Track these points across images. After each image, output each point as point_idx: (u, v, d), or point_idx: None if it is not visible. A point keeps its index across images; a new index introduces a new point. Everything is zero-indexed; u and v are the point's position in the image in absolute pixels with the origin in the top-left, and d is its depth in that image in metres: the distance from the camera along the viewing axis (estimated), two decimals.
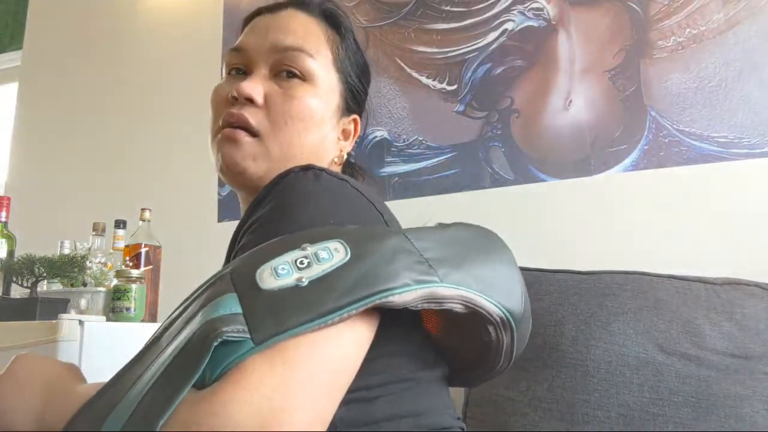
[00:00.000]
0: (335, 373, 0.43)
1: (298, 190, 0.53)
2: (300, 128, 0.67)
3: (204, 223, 1.83)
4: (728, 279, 1.09)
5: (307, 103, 0.67)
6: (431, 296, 0.45)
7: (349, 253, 0.44)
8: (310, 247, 0.45)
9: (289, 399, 0.39)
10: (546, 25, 1.54)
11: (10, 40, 2.40)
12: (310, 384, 0.41)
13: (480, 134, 1.56)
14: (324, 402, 0.42)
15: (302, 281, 0.42)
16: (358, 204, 0.56)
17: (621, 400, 0.98)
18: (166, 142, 1.96)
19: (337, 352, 0.43)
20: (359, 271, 0.43)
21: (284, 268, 0.43)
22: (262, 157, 0.66)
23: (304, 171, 0.55)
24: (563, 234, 1.42)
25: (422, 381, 0.54)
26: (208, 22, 1.98)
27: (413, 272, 0.45)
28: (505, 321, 0.51)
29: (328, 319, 0.41)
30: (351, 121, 0.75)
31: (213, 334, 0.39)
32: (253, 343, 0.39)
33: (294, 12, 0.71)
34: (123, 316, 1.20)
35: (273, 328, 0.40)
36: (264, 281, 0.42)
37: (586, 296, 1.10)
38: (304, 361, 0.41)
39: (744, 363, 0.99)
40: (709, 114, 1.36)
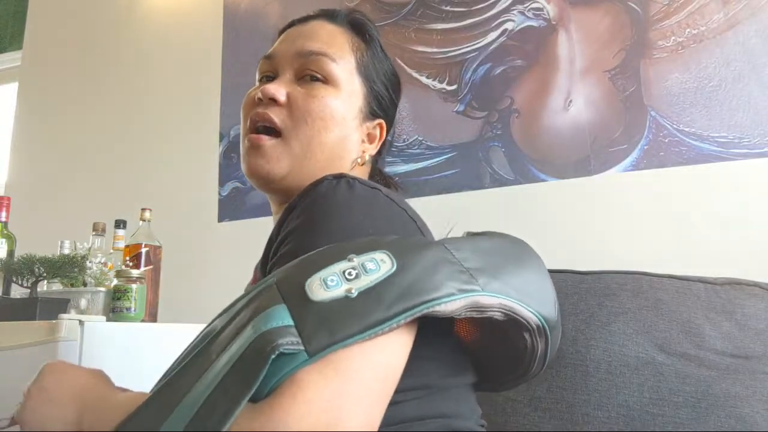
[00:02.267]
0: (384, 381, 0.44)
1: (332, 200, 0.55)
2: (320, 126, 0.68)
3: (204, 223, 1.83)
4: (728, 279, 1.09)
5: (327, 103, 0.69)
6: (474, 305, 0.46)
7: (395, 264, 0.45)
8: (357, 258, 0.46)
9: (344, 410, 0.40)
10: (546, 25, 1.54)
11: (10, 40, 2.40)
12: (363, 394, 0.42)
13: (480, 134, 1.56)
14: (375, 410, 0.43)
15: (352, 292, 0.43)
16: (392, 212, 0.57)
17: (621, 400, 0.98)
18: (166, 142, 1.96)
19: (386, 360, 0.44)
20: (406, 282, 0.44)
21: (333, 279, 0.44)
22: (284, 156, 0.68)
23: (337, 180, 0.56)
24: (563, 234, 1.42)
25: (451, 387, 0.56)
26: (208, 22, 1.98)
27: (456, 281, 0.46)
28: (540, 328, 0.52)
29: (378, 329, 0.42)
30: (376, 126, 0.76)
31: (269, 347, 0.39)
32: (308, 355, 0.40)
33: (322, 22, 0.75)
34: (123, 316, 1.20)
35: (326, 340, 0.41)
36: (314, 292, 0.43)
37: (586, 296, 1.10)
38: (357, 371, 0.42)
39: (744, 363, 0.99)
40: (709, 114, 1.36)
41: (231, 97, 1.89)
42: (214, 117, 1.89)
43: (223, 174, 1.84)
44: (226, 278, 1.69)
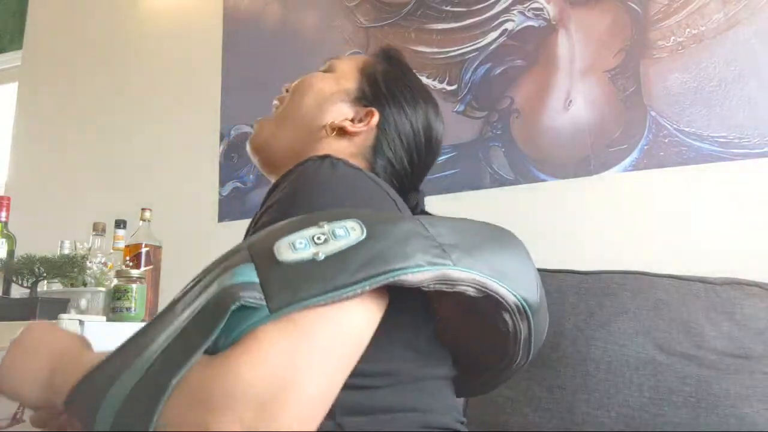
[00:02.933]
0: (345, 346, 0.44)
1: (315, 178, 0.55)
2: (299, 92, 0.77)
3: (204, 223, 1.83)
4: (728, 279, 1.09)
5: (312, 77, 0.78)
6: (444, 278, 0.46)
7: (365, 232, 0.45)
8: (327, 225, 0.46)
9: (300, 368, 0.40)
10: (546, 25, 1.54)
11: (10, 40, 2.40)
12: (322, 354, 0.41)
13: (480, 134, 1.56)
14: (333, 373, 0.42)
15: (318, 256, 0.43)
16: (373, 192, 0.58)
17: (621, 400, 0.98)
18: (166, 142, 1.96)
19: (348, 327, 0.44)
20: (374, 250, 0.44)
21: (302, 242, 0.44)
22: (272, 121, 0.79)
23: (321, 159, 0.57)
24: (563, 234, 1.42)
25: (425, 378, 0.55)
26: (208, 23, 1.98)
27: (427, 255, 0.46)
28: (521, 308, 0.51)
29: (342, 293, 0.42)
30: (367, 113, 0.74)
31: (230, 299, 0.40)
32: (269, 310, 0.40)
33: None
34: (123, 316, 1.19)
35: (288, 298, 0.41)
36: (281, 254, 0.44)
37: (586, 296, 1.10)
38: (317, 332, 0.42)
39: (744, 363, 0.99)
40: (708, 114, 1.36)
41: (231, 96, 1.89)
42: (215, 117, 1.89)
43: (223, 174, 1.84)
44: None
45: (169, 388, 0.38)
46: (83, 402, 0.44)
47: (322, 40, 1.78)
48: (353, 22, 1.76)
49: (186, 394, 0.39)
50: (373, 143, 0.74)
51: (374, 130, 0.74)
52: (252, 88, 1.85)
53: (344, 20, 1.77)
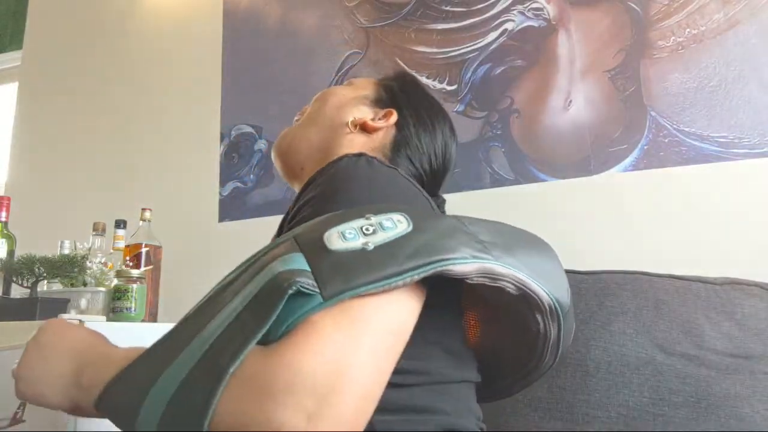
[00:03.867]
0: (395, 335, 0.45)
1: (354, 174, 0.57)
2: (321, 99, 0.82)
3: (204, 223, 1.83)
4: (728, 279, 1.09)
5: (334, 87, 0.84)
6: (488, 271, 0.47)
7: (411, 224, 0.46)
8: (374, 217, 0.47)
9: (356, 356, 0.40)
10: (546, 25, 1.54)
11: (10, 40, 2.40)
12: (374, 344, 0.42)
13: (480, 134, 1.56)
14: (385, 362, 0.43)
15: (368, 245, 0.44)
16: (409, 190, 0.60)
17: (621, 400, 0.98)
18: (166, 142, 1.96)
19: (397, 315, 0.45)
20: (421, 241, 0.45)
21: (351, 232, 0.45)
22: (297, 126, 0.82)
23: (357, 157, 0.59)
24: (563, 234, 1.41)
25: (455, 380, 0.56)
26: (208, 22, 1.98)
27: (470, 248, 0.47)
28: (553, 309, 0.52)
29: (393, 281, 0.42)
30: (386, 113, 0.79)
31: (287, 283, 0.40)
32: (323, 298, 0.41)
33: None
34: (123, 316, 1.20)
35: (341, 285, 0.41)
36: (332, 243, 0.44)
37: (586, 296, 1.10)
38: (369, 320, 0.42)
39: (744, 363, 0.99)
40: (708, 114, 1.36)
41: (231, 97, 1.89)
42: (215, 117, 1.89)
43: (223, 174, 1.84)
44: None
45: (226, 377, 0.38)
46: (121, 399, 0.43)
47: (322, 40, 1.78)
48: (353, 22, 1.75)
49: (245, 383, 0.38)
50: (393, 141, 0.78)
51: (393, 128, 0.78)
52: (252, 88, 1.85)
53: (344, 20, 1.77)
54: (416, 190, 0.61)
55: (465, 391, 0.58)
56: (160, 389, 0.40)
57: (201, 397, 0.38)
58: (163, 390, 0.40)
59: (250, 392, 0.38)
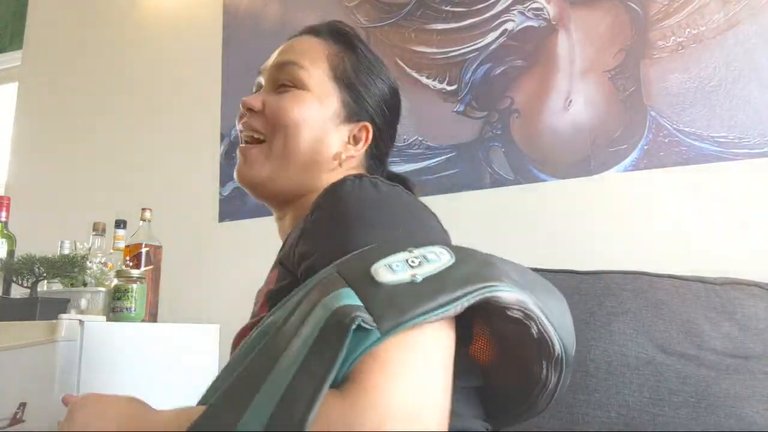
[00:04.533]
0: (449, 359, 0.46)
1: (361, 196, 0.57)
2: (292, 128, 0.72)
3: (205, 223, 1.83)
4: (728, 279, 1.09)
5: (296, 105, 0.73)
6: (525, 306, 0.48)
7: (454, 256, 0.48)
8: (417, 250, 0.48)
9: (429, 375, 0.42)
10: (546, 25, 1.54)
11: (10, 40, 2.40)
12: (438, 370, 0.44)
13: (480, 134, 1.56)
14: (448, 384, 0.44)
15: (416, 277, 0.45)
16: (415, 207, 0.61)
17: (621, 400, 0.98)
18: (166, 142, 1.96)
19: (448, 341, 0.46)
20: (467, 270, 0.46)
21: (398, 265, 0.46)
22: (267, 158, 0.73)
23: (359, 179, 0.59)
24: (563, 234, 1.42)
25: (460, 387, 0.56)
26: (208, 22, 1.98)
27: (509, 280, 0.48)
28: (559, 359, 0.53)
29: (447, 309, 0.43)
30: (361, 128, 0.77)
31: (348, 319, 0.40)
32: (380, 332, 0.41)
33: (303, 37, 0.80)
34: (123, 316, 1.20)
35: (398, 317, 0.42)
36: (380, 276, 0.45)
37: (586, 296, 1.10)
38: (429, 349, 0.44)
39: (744, 363, 0.99)
40: (709, 114, 1.36)
41: (231, 97, 1.89)
42: (215, 117, 1.89)
43: (223, 174, 1.84)
44: (227, 278, 1.69)
45: (305, 428, 0.36)
46: None
47: None
48: (353, 22, 1.75)
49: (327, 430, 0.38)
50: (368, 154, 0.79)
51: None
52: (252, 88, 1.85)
53: (344, 20, 1.76)
54: (422, 206, 0.62)
55: (467, 396, 0.59)
56: None
57: None
58: None
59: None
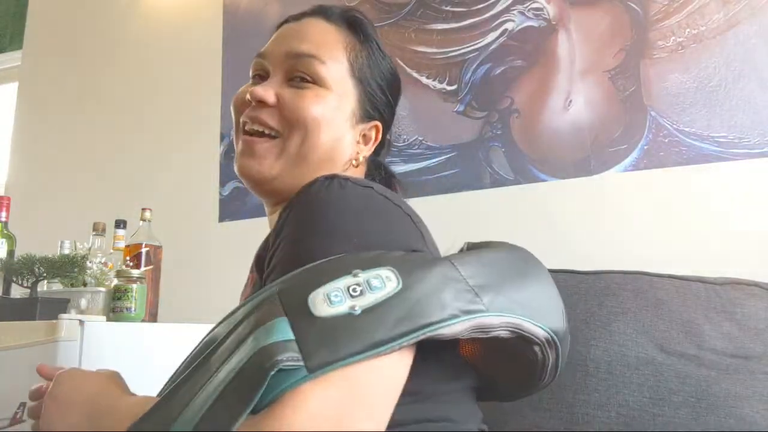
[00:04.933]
0: (386, 391, 0.44)
1: (325, 199, 0.54)
2: (312, 127, 0.67)
3: (205, 223, 1.83)
4: (728, 279, 1.09)
5: (317, 103, 0.67)
6: (479, 326, 0.46)
7: (401, 282, 0.45)
8: (362, 274, 0.45)
9: (348, 417, 0.40)
10: (546, 25, 1.54)
11: (10, 40, 2.40)
12: (367, 399, 0.42)
13: (480, 134, 1.56)
14: (381, 415, 0.43)
15: (355, 309, 0.43)
16: (386, 209, 0.56)
17: (621, 400, 0.98)
18: (166, 142, 1.96)
19: (388, 374, 0.44)
20: (411, 302, 0.44)
21: (337, 295, 0.44)
22: (279, 157, 0.68)
23: (329, 180, 0.55)
24: (563, 234, 1.41)
25: (452, 390, 0.56)
26: (208, 21, 1.98)
27: (460, 302, 0.46)
28: (550, 341, 0.52)
29: (381, 350, 0.42)
30: (372, 128, 0.74)
31: (268, 363, 0.39)
32: (307, 370, 0.40)
33: (315, 20, 0.72)
34: (123, 316, 1.20)
35: (328, 357, 0.40)
36: (317, 308, 0.43)
37: (586, 296, 1.10)
38: (360, 384, 0.42)
39: (744, 363, 0.99)
40: (709, 114, 1.36)
41: (231, 96, 1.88)
42: (215, 117, 1.89)
43: (223, 174, 1.84)
44: (227, 278, 1.69)
45: None
46: None
47: None
48: None
49: None
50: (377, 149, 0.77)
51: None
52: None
53: None
54: (394, 207, 0.57)
55: (466, 396, 0.58)
56: None
57: None
58: None
59: None
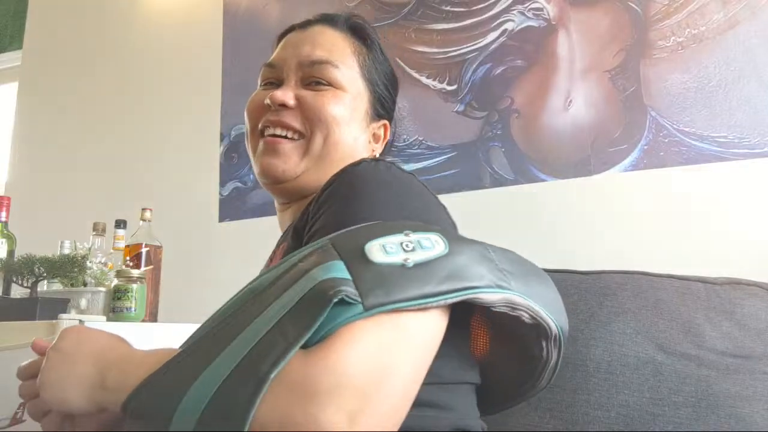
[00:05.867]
0: (428, 347, 0.47)
1: (374, 176, 0.57)
2: (334, 125, 0.71)
3: (205, 223, 1.83)
4: (728, 279, 1.09)
5: (336, 103, 0.71)
6: (509, 302, 0.49)
7: (448, 247, 0.48)
8: (413, 234, 0.48)
9: (395, 361, 0.42)
10: (546, 25, 1.54)
11: (10, 40, 2.40)
12: (413, 349, 0.44)
13: (480, 134, 1.56)
14: (419, 368, 0.45)
15: (408, 262, 0.45)
16: (427, 195, 0.60)
17: (621, 400, 0.99)
18: (166, 142, 1.96)
19: (431, 329, 0.47)
20: (456, 265, 0.47)
21: (392, 247, 0.46)
22: (304, 155, 0.71)
23: (375, 161, 0.59)
24: (563, 234, 1.42)
25: (464, 381, 0.57)
26: (208, 22, 1.98)
27: (495, 277, 0.48)
28: (558, 337, 0.55)
29: (429, 301, 0.44)
30: (381, 126, 0.79)
31: (332, 291, 0.41)
32: (363, 308, 0.42)
33: (322, 28, 0.76)
34: (123, 316, 1.20)
35: (382, 298, 0.42)
36: (373, 254, 0.45)
37: (586, 296, 1.10)
38: (407, 330, 0.44)
39: (744, 363, 0.99)
40: (709, 114, 1.36)
41: (231, 96, 1.89)
42: (215, 117, 1.89)
43: (223, 174, 1.84)
44: (227, 278, 1.69)
45: (268, 382, 0.38)
46: (155, 401, 0.43)
47: None
48: None
49: (287, 387, 0.39)
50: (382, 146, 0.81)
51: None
52: (252, 88, 1.84)
53: None
54: (431, 196, 0.61)
55: (470, 391, 0.59)
56: (197, 391, 0.40)
57: (242, 401, 0.38)
58: (202, 392, 0.40)
59: (292, 395, 0.39)
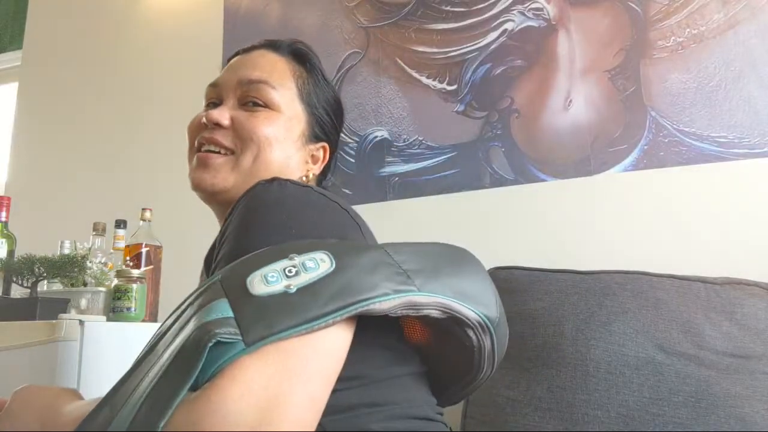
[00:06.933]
0: (323, 362, 0.46)
1: (265, 198, 0.57)
2: (264, 144, 0.73)
3: (205, 223, 1.82)
4: (728, 279, 1.09)
5: (269, 124, 0.74)
6: (409, 304, 0.48)
7: (334, 263, 0.47)
8: (298, 257, 0.48)
9: (283, 385, 0.41)
10: (546, 25, 1.54)
11: (10, 40, 2.40)
12: (302, 370, 0.43)
13: (480, 134, 1.56)
14: (317, 386, 0.44)
15: (290, 288, 0.45)
16: (324, 204, 0.60)
17: (621, 400, 0.99)
18: (166, 142, 1.96)
19: (323, 348, 0.46)
20: (343, 281, 0.46)
21: (273, 275, 0.46)
22: (233, 169, 0.73)
23: (270, 182, 0.59)
24: (563, 234, 1.42)
25: (399, 375, 0.57)
26: (209, 23, 1.98)
27: (392, 282, 0.48)
28: (483, 325, 0.54)
29: (314, 324, 0.44)
30: (320, 148, 0.80)
31: (207, 336, 0.41)
32: (245, 344, 0.41)
33: (264, 51, 0.80)
34: (123, 316, 1.20)
35: (263, 331, 0.42)
36: (254, 287, 0.45)
37: (586, 296, 1.10)
38: (293, 357, 0.43)
39: (744, 363, 0.99)
40: (709, 114, 1.36)
41: None
42: None
43: None
44: None
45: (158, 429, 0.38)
46: None
47: (322, 40, 1.78)
48: (353, 22, 1.76)
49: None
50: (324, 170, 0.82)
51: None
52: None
53: (344, 20, 1.77)
54: (331, 203, 0.61)
55: (414, 382, 0.59)
56: None
57: None
58: None
59: None
